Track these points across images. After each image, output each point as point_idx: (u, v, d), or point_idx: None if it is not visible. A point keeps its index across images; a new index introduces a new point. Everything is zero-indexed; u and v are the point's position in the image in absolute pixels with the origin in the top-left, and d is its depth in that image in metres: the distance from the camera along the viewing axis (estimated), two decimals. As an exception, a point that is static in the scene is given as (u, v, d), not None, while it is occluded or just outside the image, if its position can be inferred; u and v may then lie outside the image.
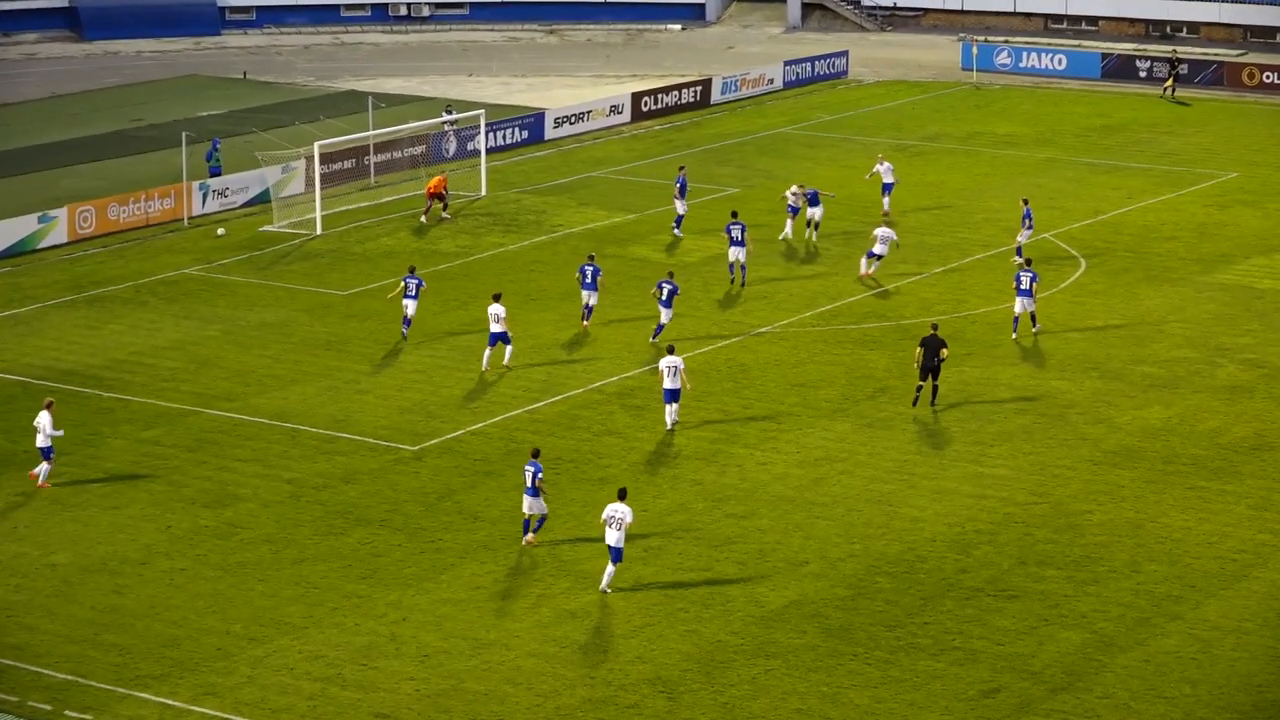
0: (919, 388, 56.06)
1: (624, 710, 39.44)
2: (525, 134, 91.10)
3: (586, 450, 53.06)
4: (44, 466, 50.82)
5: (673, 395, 54.31)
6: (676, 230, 74.25)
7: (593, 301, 63.26)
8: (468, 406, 56.28)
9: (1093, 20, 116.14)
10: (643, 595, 44.47)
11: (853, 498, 49.77)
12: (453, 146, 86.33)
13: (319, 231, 75.19)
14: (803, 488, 50.42)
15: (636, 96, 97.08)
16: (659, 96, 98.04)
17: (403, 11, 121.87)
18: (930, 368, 55.63)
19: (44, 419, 50.72)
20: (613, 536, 44.53)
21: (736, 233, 66.76)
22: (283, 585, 45.07)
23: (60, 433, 51.04)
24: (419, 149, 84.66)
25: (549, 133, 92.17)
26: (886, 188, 76.73)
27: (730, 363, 59.93)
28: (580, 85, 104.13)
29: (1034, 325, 61.94)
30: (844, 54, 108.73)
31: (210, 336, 62.98)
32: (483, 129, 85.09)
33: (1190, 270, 69.65)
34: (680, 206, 74.25)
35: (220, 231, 75.41)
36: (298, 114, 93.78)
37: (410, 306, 61.81)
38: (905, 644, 42.19)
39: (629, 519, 44.48)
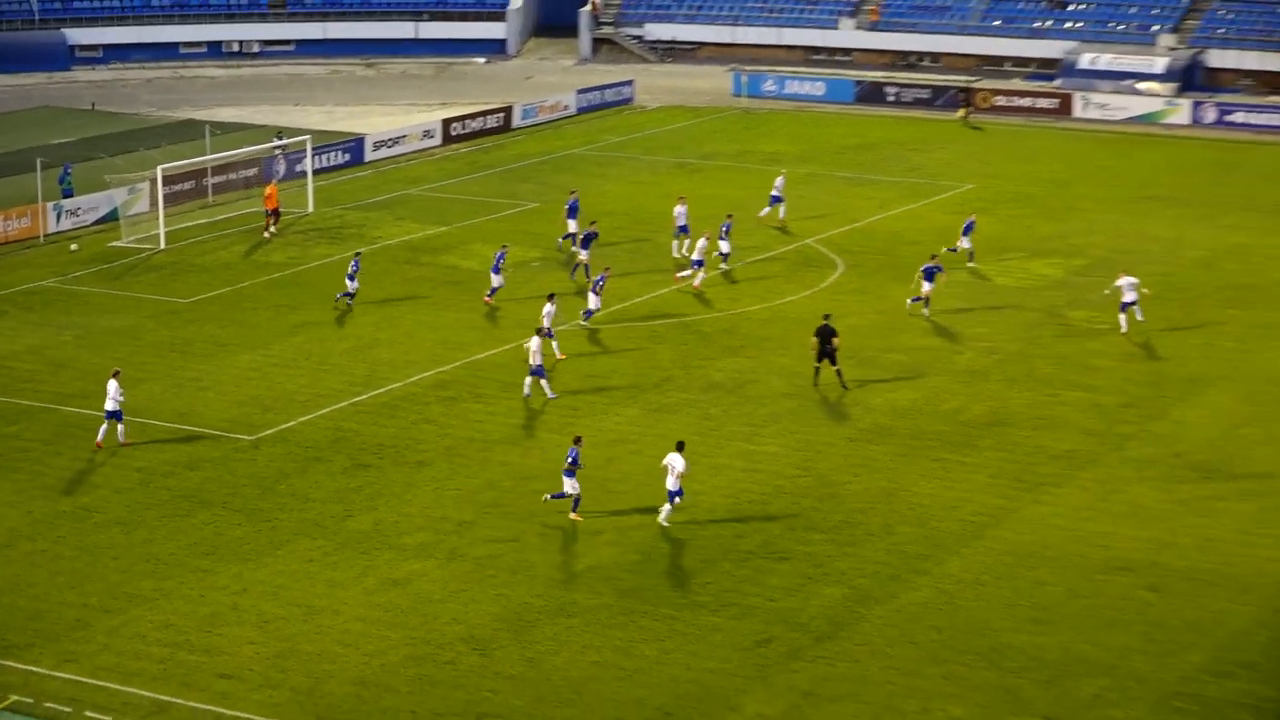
0: (816, 370, 56.67)
1: (441, 666, 39.49)
2: (347, 156, 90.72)
3: (406, 437, 52.99)
4: (105, 427, 51.90)
5: (536, 371, 55.47)
6: (561, 243, 73.28)
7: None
8: (298, 400, 56.03)
9: (847, 51, 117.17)
10: (457, 564, 44.52)
11: (641, 474, 49.99)
12: (282, 168, 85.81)
13: (163, 246, 74.48)
14: (598, 466, 50.59)
15: (446, 122, 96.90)
16: (466, 122, 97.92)
17: (235, 48, 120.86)
18: (826, 353, 56.27)
19: (112, 385, 51.69)
20: (671, 482, 46.01)
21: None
22: (134, 562, 44.71)
23: (123, 399, 52.05)
24: (252, 171, 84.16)
25: (368, 155, 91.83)
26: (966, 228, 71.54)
27: (532, 357, 60.03)
28: (395, 113, 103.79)
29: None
30: (629, 83, 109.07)
31: (65, 341, 62.28)
32: (309, 152, 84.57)
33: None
34: (572, 225, 72.83)
35: (73, 247, 74.53)
36: (142, 141, 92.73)
37: (350, 284, 65.35)
38: (689, 601, 42.50)
39: (680, 467, 45.97)
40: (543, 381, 55.69)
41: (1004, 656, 39.83)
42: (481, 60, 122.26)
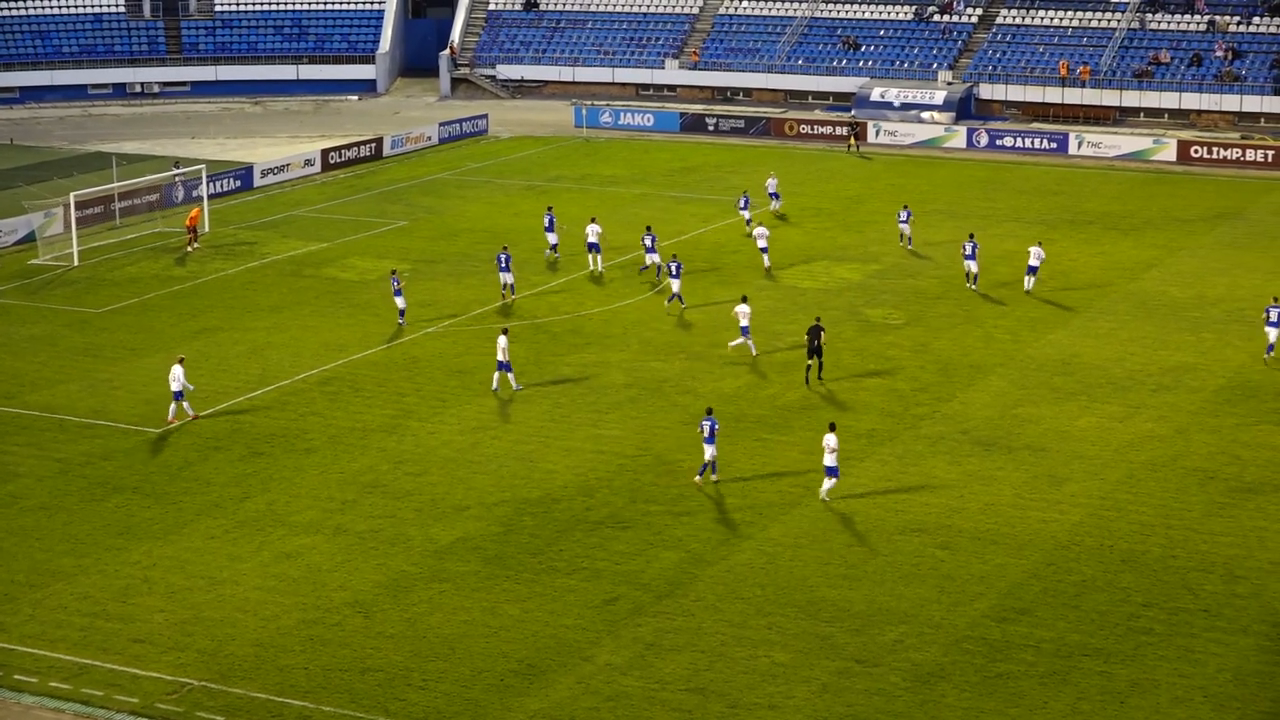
0: (808, 367, 55.97)
1: (330, 628, 39.04)
2: (238, 183, 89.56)
3: (294, 428, 52.35)
4: (174, 406, 52.41)
5: (502, 365, 55.05)
6: (549, 253, 72.76)
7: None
8: (199, 396, 55.11)
9: (672, 88, 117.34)
10: (342, 538, 44.04)
11: (502, 456, 49.75)
12: (181, 194, 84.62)
13: (76, 263, 73.20)
14: (463, 450, 50.29)
15: (325, 152, 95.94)
16: (342, 152, 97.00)
17: (138, 89, 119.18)
18: (814, 349, 55.61)
19: (177, 370, 52.06)
20: (829, 459, 45.58)
21: (673, 268, 64.79)
22: (56, 542, 43.86)
23: (191, 387, 52.63)
24: (154, 196, 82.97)
25: (257, 181, 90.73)
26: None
27: (405, 356, 59.54)
28: (280, 144, 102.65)
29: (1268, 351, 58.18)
30: (485, 116, 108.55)
31: (-10, 348, 61.11)
32: (204, 180, 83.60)
33: (751, 275, 70.65)
34: (552, 238, 72.71)
35: (-4, 265, 73.30)
36: (56, 171, 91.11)
37: (400, 301, 62.56)
38: (546, 566, 42.29)
39: (834, 444, 45.56)
40: (510, 375, 55.28)
41: (819, 608, 39.91)
42: (355, 98, 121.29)
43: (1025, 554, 42.91)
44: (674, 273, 64.57)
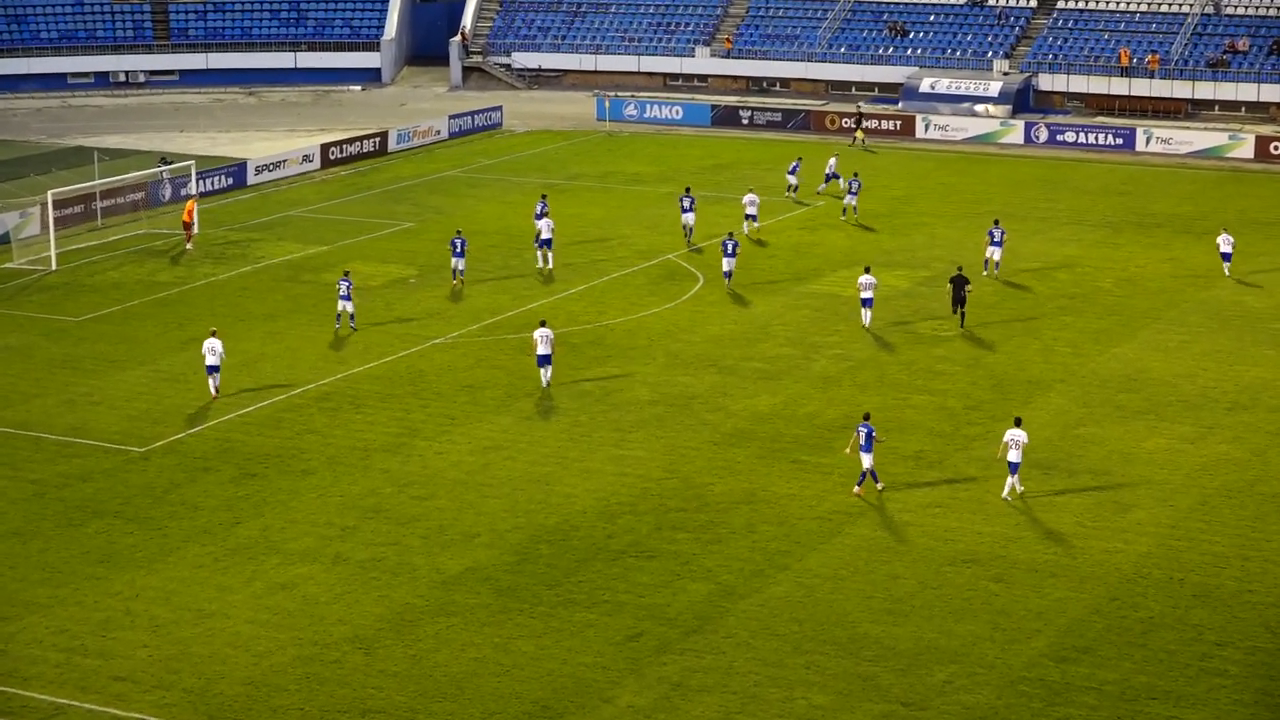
0: (962, 314, 63.38)
1: (328, 665, 39.06)
2: (230, 180, 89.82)
3: (290, 447, 52.42)
4: (211, 380, 56.04)
5: (545, 360, 56.62)
6: (537, 244, 73.43)
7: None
8: (187, 412, 55.29)
9: (703, 78, 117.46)
10: (341, 567, 44.07)
11: (516, 479, 49.75)
12: (168, 192, 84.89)
13: (54, 267, 73.45)
14: (474, 472, 50.31)
15: (325, 147, 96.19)
16: (344, 147, 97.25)
17: (122, 78, 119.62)
18: (959, 299, 63.18)
19: (215, 344, 55.78)
20: (1014, 455, 47.65)
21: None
22: (30, 571, 43.94)
23: (222, 355, 56.13)
24: (139, 195, 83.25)
25: (251, 179, 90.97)
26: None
27: (410, 369, 59.61)
28: (276, 138, 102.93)
29: None
30: (499, 108, 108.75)
31: (-39, 359, 61.30)
32: (194, 177, 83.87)
33: (789, 282, 70.65)
34: (543, 227, 73.59)
35: (-33, 269, 73.52)
36: (32, 167, 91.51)
37: (347, 305, 63.54)
38: (563, 599, 42.27)
39: (1025, 440, 47.88)
40: (546, 370, 56.91)
41: (861, 646, 39.84)
42: (358, 88, 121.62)
43: (1087, 587, 42.81)
44: (729, 251, 68.75)
